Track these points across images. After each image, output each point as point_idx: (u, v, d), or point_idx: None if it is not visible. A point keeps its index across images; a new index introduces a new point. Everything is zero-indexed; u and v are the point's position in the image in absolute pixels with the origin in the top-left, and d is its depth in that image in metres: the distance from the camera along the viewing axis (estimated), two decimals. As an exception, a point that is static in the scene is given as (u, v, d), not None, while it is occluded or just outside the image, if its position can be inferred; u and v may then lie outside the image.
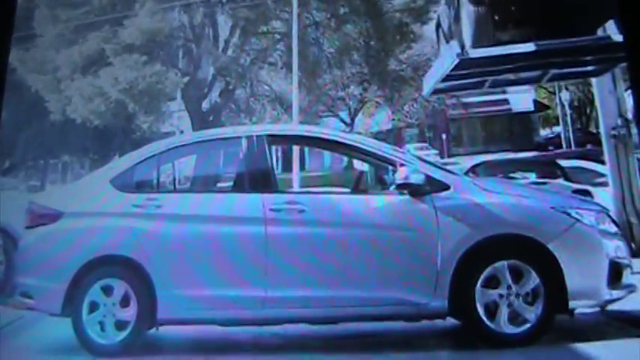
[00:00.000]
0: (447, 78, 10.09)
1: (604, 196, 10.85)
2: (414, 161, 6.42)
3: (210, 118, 20.26)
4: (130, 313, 6.23)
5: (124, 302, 6.24)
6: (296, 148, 17.23)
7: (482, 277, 5.98)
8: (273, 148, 7.27)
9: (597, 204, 6.99)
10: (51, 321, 6.49)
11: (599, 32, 8.57)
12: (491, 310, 5.96)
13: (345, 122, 23.28)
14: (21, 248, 6.84)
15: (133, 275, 6.27)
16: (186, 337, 6.69)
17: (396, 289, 6.06)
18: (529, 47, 8.52)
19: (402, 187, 6.19)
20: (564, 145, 23.22)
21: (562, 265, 5.91)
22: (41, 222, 6.58)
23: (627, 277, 6.24)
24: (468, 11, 9.09)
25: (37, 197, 7.69)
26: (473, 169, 15.46)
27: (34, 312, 6.57)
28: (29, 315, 6.75)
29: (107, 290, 6.28)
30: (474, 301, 5.97)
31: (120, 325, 6.23)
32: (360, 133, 19.02)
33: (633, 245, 9.90)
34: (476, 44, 8.84)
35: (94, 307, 6.25)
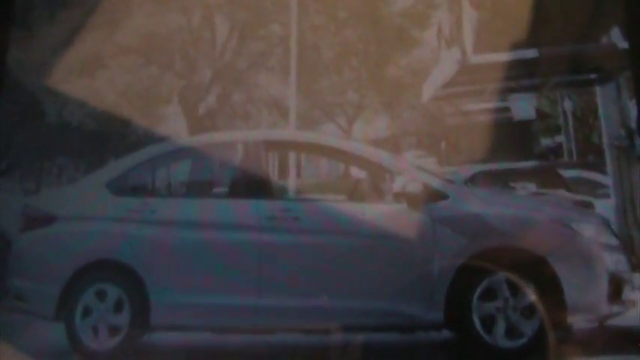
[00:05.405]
0: (447, 85, 10.05)
1: (605, 207, 10.79)
2: (411, 170, 6.38)
3: (207, 122, 20.23)
4: (123, 318, 6.21)
5: (118, 307, 6.21)
6: (292, 155, 17.23)
7: (479, 289, 5.92)
8: (270, 154, 7.24)
9: (598, 216, 6.94)
10: (43, 325, 6.46)
11: (604, 39, 8.54)
12: (488, 323, 5.90)
13: (342, 129, 23.25)
14: (15, 251, 6.80)
15: (127, 280, 6.24)
16: (179, 343, 6.65)
17: (391, 299, 6.00)
18: (532, 54, 8.48)
19: (400, 196, 6.15)
20: (566, 155, 23.22)
21: (560, 279, 5.85)
22: (35, 225, 6.55)
23: (628, 292, 6.19)
24: (469, 17, 9.05)
25: (31, 200, 7.66)
26: (472, 179, 15.40)
27: (26, 315, 6.54)
28: (21, 318, 6.70)
29: (101, 295, 6.24)
30: (470, 314, 5.91)
31: (113, 331, 6.20)
32: (357, 140, 19.03)
33: (634, 259, 9.85)
34: (477, 50, 8.81)
35: (87, 311, 6.23)
